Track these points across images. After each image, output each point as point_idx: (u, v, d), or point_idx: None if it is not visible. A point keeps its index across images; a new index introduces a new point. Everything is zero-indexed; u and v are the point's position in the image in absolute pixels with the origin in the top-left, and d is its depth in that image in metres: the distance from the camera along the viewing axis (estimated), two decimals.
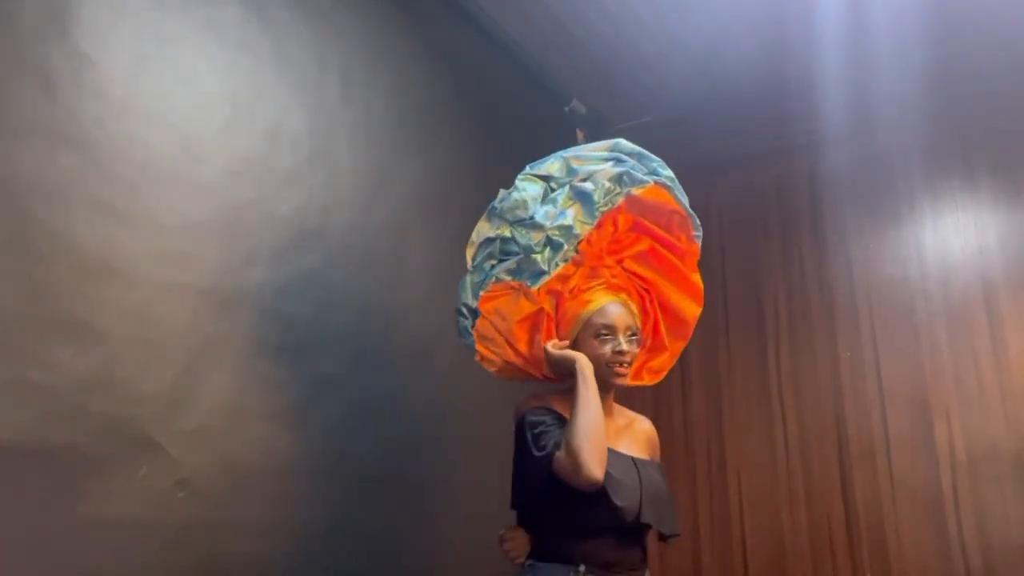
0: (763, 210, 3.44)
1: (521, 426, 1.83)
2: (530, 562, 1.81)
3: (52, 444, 1.49)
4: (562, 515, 1.78)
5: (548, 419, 1.80)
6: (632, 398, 2.19)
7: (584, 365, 1.80)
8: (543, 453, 1.73)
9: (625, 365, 1.86)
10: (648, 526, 1.81)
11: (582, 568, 1.75)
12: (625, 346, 1.85)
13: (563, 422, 1.78)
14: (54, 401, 1.50)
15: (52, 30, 1.60)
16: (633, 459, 1.86)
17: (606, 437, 1.74)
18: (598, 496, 1.72)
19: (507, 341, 1.90)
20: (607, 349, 1.85)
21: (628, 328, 1.87)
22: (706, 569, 3.20)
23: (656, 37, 3.05)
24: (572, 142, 3.39)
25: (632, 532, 1.81)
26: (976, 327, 2.97)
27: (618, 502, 1.73)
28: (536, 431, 1.77)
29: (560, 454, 1.70)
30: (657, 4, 2.87)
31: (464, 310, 1.95)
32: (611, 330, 1.85)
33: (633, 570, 1.82)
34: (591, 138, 3.43)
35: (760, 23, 2.95)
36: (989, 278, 2.99)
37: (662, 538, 1.90)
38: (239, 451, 1.84)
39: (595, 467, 1.67)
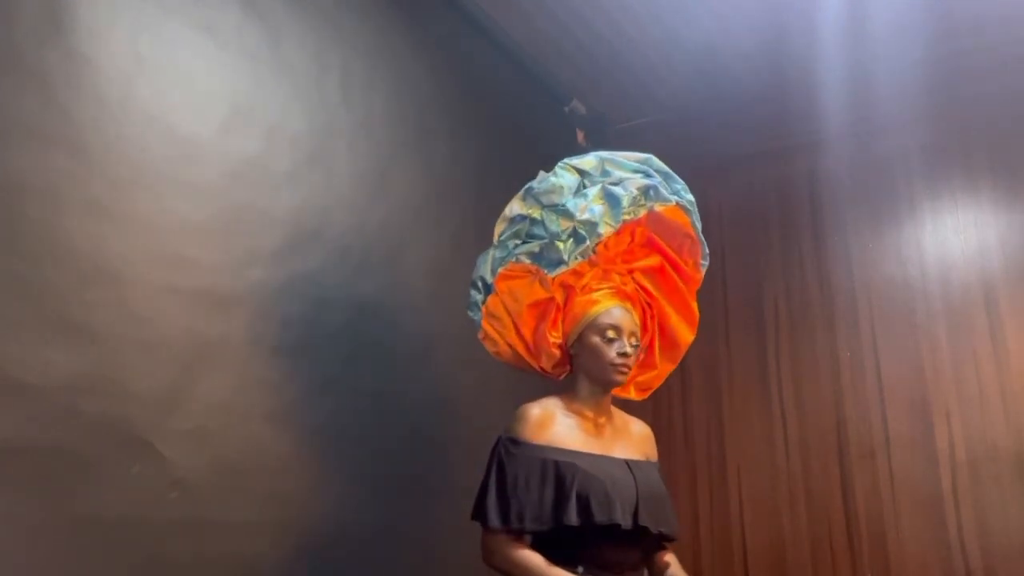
0: (763, 210, 3.43)
1: (496, 450, 1.83)
2: None
3: (45, 444, 1.49)
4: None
5: (520, 473, 1.78)
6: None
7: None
8: (487, 525, 1.76)
9: (627, 368, 1.88)
10: (647, 528, 1.81)
11: (580, 569, 1.76)
12: (629, 349, 1.87)
13: (537, 469, 1.77)
14: (47, 402, 1.50)
15: (49, 30, 1.60)
16: (628, 462, 1.87)
17: None
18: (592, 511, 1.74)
19: (514, 323, 1.92)
20: (612, 350, 1.86)
21: (632, 334, 1.89)
22: (706, 569, 3.19)
23: (656, 37, 3.05)
24: (572, 142, 3.40)
25: (631, 533, 1.80)
26: (976, 327, 2.96)
27: (617, 519, 1.75)
28: (500, 484, 1.78)
29: (489, 540, 1.77)
30: (657, 4, 2.87)
31: (479, 284, 1.96)
32: (617, 332, 1.87)
33: (632, 570, 1.83)
34: (591, 139, 3.43)
35: (760, 22, 2.95)
36: (989, 278, 2.98)
37: (663, 538, 1.89)
38: (234, 451, 1.83)
39: None
